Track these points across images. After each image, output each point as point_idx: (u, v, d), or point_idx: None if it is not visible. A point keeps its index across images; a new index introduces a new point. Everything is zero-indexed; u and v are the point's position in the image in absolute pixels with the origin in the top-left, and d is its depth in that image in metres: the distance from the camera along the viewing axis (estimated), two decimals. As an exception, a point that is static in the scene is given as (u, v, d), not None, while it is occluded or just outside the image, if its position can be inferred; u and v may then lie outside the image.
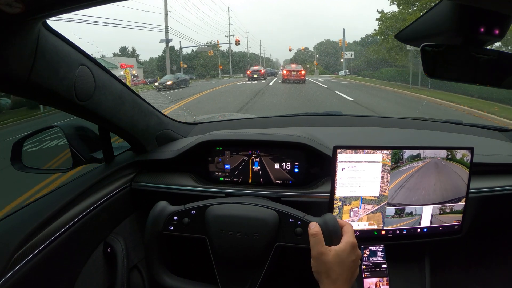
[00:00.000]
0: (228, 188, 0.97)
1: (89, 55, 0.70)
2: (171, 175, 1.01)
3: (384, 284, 0.96)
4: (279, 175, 1.01)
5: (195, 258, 0.99)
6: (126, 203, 0.97)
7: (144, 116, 0.96)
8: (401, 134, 1.24)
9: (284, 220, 0.69)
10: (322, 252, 0.60)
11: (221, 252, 0.68)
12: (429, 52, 0.57)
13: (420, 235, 0.91)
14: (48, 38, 0.57)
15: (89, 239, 0.82)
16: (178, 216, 0.71)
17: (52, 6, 0.45)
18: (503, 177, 1.00)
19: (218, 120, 1.53)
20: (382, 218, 0.89)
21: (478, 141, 1.17)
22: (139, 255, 0.97)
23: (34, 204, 0.74)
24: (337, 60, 46.19)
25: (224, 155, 1.02)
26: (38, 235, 0.67)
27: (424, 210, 0.89)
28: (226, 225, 0.69)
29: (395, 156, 0.86)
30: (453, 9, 0.52)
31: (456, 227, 0.92)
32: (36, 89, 0.57)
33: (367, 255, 0.97)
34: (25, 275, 0.62)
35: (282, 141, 0.99)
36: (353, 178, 0.86)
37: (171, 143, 1.11)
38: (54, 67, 0.59)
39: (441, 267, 1.06)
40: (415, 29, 0.61)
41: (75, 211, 0.77)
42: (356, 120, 1.43)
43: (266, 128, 1.21)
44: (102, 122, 0.83)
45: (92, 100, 0.72)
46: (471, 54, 0.56)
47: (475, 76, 0.58)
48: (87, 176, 0.88)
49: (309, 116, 1.48)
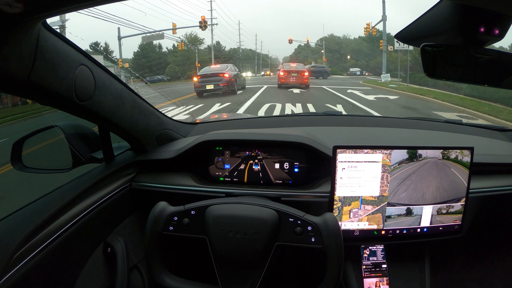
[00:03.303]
0: (228, 188, 0.97)
1: (89, 55, 0.70)
2: (171, 175, 1.01)
3: (384, 284, 0.96)
4: (279, 175, 1.01)
5: (195, 258, 0.99)
6: (126, 203, 0.97)
7: (144, 116, 0.96)
8: (401, 134, 1.24)
9: (284, 220, 0.69)
10: None
11: (221, 252, 0.68)
12: (429, 52, 0.57)
13: (420, 235, 0.91)
14: (48, 38, 0.57)
15: (89, 239, 0.82)
16: (178, 217, 0.71)
17: (52, 6, 0.45)
18: (503, 177, 1.00)
19: (218, 120, 1.53)
20: (382, 218, 0.89)
21: (478, 141, 1.17)
22: (139, 255, 0.97)
23: (34, 204, 0.74)
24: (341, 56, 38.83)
25: (224, 155, 1.02)
26: (38, 235, 0.67)
27: (424, 210, 0.89)
28: (226, 225, 0.69)
29: (395, 156, 0.86)
30: (453, 9, 0.52)
31: (456, 227, 0.92)
32: (36, 89, 0.57)
33: (367, 255, 0.97)
34: (25, 275, 0.62)
35: (282, 141, 0.99)
36: (353, 178, 0.86)
37: (171, 143, 1.11)
38: (54, 67, 0.59)
39: (441, 267, 1.06)
40: (415, 29, 0.61)
41: (75, 211, 0.77)
42: (356, 120, 1.43)
43: (266, 128, 1.21)
44: (102, 122, 0.84)
45: (92, 100, 0.72)
46: (471, 54, 0.56)
47: (475, 76, 0.58)
48: (87, 176, 0.88)
49: (309, 116, 1.48)
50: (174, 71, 27.25)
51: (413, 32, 0.61)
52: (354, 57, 36.74)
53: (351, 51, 38.65)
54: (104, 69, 0.77)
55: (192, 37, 32.38)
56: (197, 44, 32.74)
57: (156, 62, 30.18)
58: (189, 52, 30.24)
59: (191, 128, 1.26)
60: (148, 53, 31.40)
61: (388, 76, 12.87)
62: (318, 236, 0.67)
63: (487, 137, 1.22)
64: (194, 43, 32.06)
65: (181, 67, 28.14)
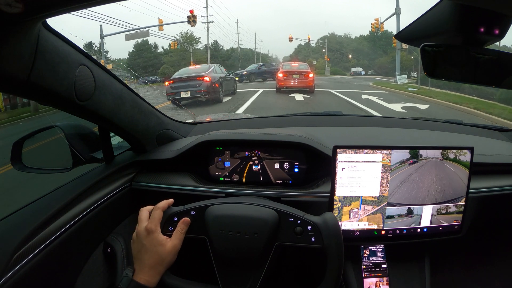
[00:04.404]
0: (228, 188, 0.97)
1: (89, 55, 0.70)
2: (171, 175, 1.01)
3: (384, 284, 0.96)
4: (279, 175, 1.01)
5: (195, 258, 0.99)
6: (126, 203, 0.97)
7: (144, 116, 0.96)
8: (401, 134, 1.24)
9: (284, 220, 0.69)
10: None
11: (221, 252, 0.68)
12: (429, 52, 0.57)
13: (420, 235, 0.91)
14: (48, 38, 0.57)
15: (89, 239, 0.82)
16: (178, 217, 0.71)
17: (52, 6, 0.45)
18: (503, 177, 1.00)
19: (218, 120, 1.53)
20: (382, 218, 0.89)
21: (478, 141, 1.17)
22: None
23: (34, 204, 0.74)
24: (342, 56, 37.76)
25: (224, 155, 1.02)
26: (38, 235, 0.67)
27: (424, 210, 0.89)
28: (226, 225, 0.69)
29: (395, 156, 0.86)
30: (453, 9, 0.52)
31: (456, 227, 0.92)
32: (36, 89, 0.57)
33: (367, 255, 0.97)
34: (25, 275, 0.62)
35: (282, 141, 0.99)
36: (353, 178, 0.86)
37: (171, 143, 1.11)
38: (54, 67, 0.59)
39: (441, 267, 1.06)
40: (415, 29, 0.61)
41: (75, 211, 0.77)
42: (356, 120, 1.43)
43: (266, 128, 1.21)
44: (102, 122, 0.84)
45: (92, 100, 0.72)
46: (471, 54, 0.56)
47: (475, 76, 0.58)
48: (87, 176, 0.88)
49: (309, 116, 1.48)
50: (168, 72, 24.76)
51: (413, 32, 0.61)
52: (355, 57, 36.19)
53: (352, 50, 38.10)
54: (104, 69, 0.77)
55: (188, 36, 31.11)
56: (193, 43, 31.39)
57: (152, 62, 28.98)
58: (185, 52, 28.82)
59: (191, 128, 1.26)
60: (144, 53, 30.39)
61: (405, 77, 10.99)
62: (318, 236, 0.67)
63: (487, 137, 1.22)
64: (190, 42, 30.75)
65: (176, 67, 25.79)
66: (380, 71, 27.41)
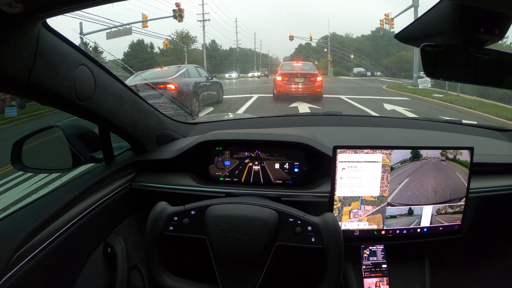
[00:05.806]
0: (228, 188, 0.97)
1: (89, 55, 0.70)
2: (171, 175, 1.01)
3: (384, 284, 0.96)
4: (279, 175, 1.01)
5: (195, 258, 0.99)
6: (126, 203, 0.97)
7: (144, 116, 0.96)
8: (401, 134, 1.24)
9: (284, 220, 0.69)
10: None
11: (221, 252, 0.68)
12: (429, 52, 0.57)
13: (420, 235, 0.91)
14: (48, 38, 0.57)
15: (89, 239, 0.82)
16: (178, 217, 0.71)
17: (52, 6, 0.45)
18: (503, 177, 1.00)
19: (218, 120, 1.53)
20: (382, 218, 0.89)
21: (478, 141, 1.17)
22: (139, 255, 0.97)
23: (34, 204, 0.74)
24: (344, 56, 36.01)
25: (224, 155, 1.02)
26: (38, 235, 0.67)
27: (424, 210, 0.89)
28: (226, 225, 0.69)
29: (395, 156, 0.86)
30: (453, 9, 0.52)
31: (456, 227, 0.92)
32: (36, 89, 0.57)
33: (367, 255, 0.97)
34: (25, 275, 0.62)
35: (282, 141, 0.99)
36: (353, 178, 0.86)
37: (171, 143, 1.11)
38: (54, 67, 0.59)
39: (441, 267, 1.06)
40: (415, 29, 0.61)
41: (75, 211, 0.77)
42: (356, 120, 1.43)
43: (266, 128, 1.21)
44: (102, 122, 0.84)
45: (92, 100, 0.72)
46: (471, 54, 0.56)
47: (475, 76, 0.58)
48: (87, 176, 0.88)
49: (309, 116, 1.48)
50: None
51: (413, 32, 0.61)
52: (357, 57, 35.87)
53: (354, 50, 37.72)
54: (104, 69, 0.77)
55: (183, 35, 29.51)
56: (189, 42, 29.82)
57: (147, 63, 27.65)
58: (179, 51, 27.29)
59: (191, 128, 1.26)
60: (139, 54, 29.56)
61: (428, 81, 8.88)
62: (318, 236, 0.67)
63: (487, 137, 1.22)
64: (185, 42, 29.33)
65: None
66: (387, 72, 26.43)
